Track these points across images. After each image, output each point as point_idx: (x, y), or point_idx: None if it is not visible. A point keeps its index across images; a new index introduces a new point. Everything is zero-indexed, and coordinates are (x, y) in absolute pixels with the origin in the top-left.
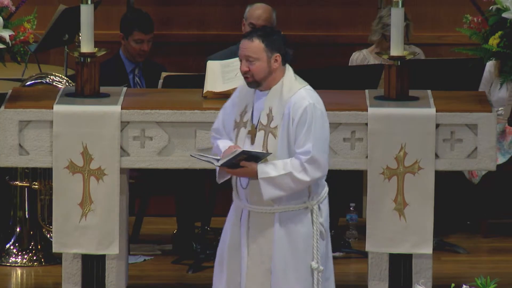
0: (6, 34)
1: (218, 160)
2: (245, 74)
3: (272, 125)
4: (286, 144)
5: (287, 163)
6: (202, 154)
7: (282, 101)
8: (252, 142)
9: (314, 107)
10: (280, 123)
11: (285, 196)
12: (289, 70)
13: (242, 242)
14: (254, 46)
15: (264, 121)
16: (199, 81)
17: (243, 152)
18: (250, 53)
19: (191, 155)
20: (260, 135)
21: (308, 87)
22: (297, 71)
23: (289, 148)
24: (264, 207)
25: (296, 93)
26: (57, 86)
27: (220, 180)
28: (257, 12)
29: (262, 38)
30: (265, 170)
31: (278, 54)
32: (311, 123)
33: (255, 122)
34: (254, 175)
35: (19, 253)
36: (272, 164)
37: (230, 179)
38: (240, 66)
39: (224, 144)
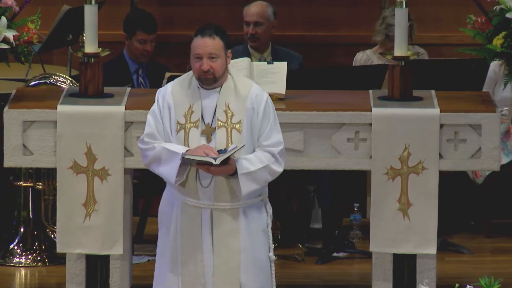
0: (10, 34)
1: (215, 159)
2: (207, 73)
3: (234, 120)
4: (250, 138)
5: (260, 157)
6: (195, 155)
7: (239, 96)
8: (208, 141)
9: (271, 100)
10: (243, 117)
11: (259, 189)
12: (231, 66)
13: (205, 243)
14: (216, 43)
15: (222, 118)
16: None
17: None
18: (213, 50)
19: (184, 157)
20: (221, 132)
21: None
22: (300, 71)
23: (253, 142)
24: (229, 203)
25: (252, 87)
26: (61, 87)
27: (177, 183)
28: (251, 10)
29: (220, 34)
30: (244, 165)
31: (229, 51)
32: (274, 115)
33: (207, 121)
34: (231, 172)
35: (23, 254)
36: (246, 159)
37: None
38: (199, 65)
39: (175, 146)
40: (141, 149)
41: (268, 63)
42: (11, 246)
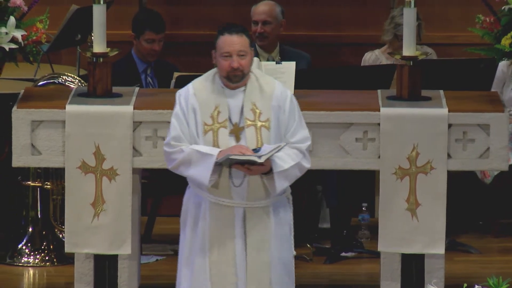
0: (19, 34)
1: (259, 157)
2: (236, 70)
3: (262, 118)
4: (278, 135)
5: (290, 154)
6: (240, 154)
7: (265, 94)
8: (238, 140)
9: (294, 97)
10: (270, 115)
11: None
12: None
13: (238, 241)
14: (244, 40)
15: (250, 116)
16: None
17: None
18: (242, 47)
19: (229, 157)
20: (250, 131)
21: None
22: (309, 71)
23: (280, 139)
24: (261, 201)
25: (276, 85)
26: (70, 86)
27: (210, 184)
28: (259, 9)
29: (246, 32)
30: (278, 163)
31: (252, 49)
32: (298, 112)
33: (235, 120)
34: (266, 171)
35: (32, 253)
36: (278, 158)
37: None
38: (228, 62)
39: (205, 148)
40: (167, 152)
41: (276, 63)
42: (20, 246)
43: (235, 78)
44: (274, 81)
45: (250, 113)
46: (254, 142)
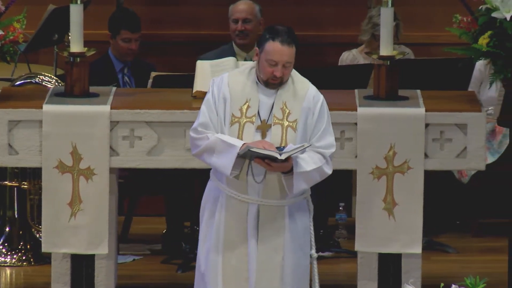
0: None
1: (280, 154)
2: (277, 79)
3: (290, 119)
4: (304, 138)
5: (313, 158)
6: (259, 148)
7: (297, 95)
8: (263, 137)
9: (326, 102)
10: (299, 116)
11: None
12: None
13: (250, 238)
14: (292, 51)
15: (279, 115)
16: (189, 81)
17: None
18: (290, 59)
19: (249, 150)
20: (276, 129)
21: None
22: None
23: (306, 142)
24: (277, 201)
25: (309, 88)
26: (47, 86)
27: (232, 175)
28: (239, 7)
29: (296, 41)
30: (300, 164)
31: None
32: (328, 117)
33: (264, 117)
34: (287, 169)
35: (9, 253)
36: (301, 159)
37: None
38: (272, 70)
39: (231, 138)
40: (193, 138)
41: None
42: None
43: (273, 85)
44: (308, 83)
45: (279, 112)
46: (279, 141)
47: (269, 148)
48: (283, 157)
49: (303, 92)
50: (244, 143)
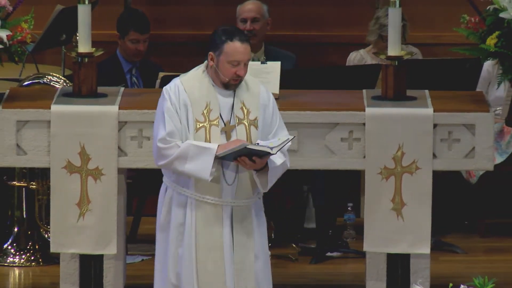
0: (4, 34)
1: (271, 148)
2: (239, 78)
3: (251, 117)
4: (264, 134)
5: (278, 153)
6: (257, 144)
7: (252, 93)
8: (228, 138)
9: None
10: (258, 114)
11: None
12: None
13: (225, 240)
14: (249, 49)
15: (240, 115)
16: None
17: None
18: (249, 57)
19: (245, 147)
20: (241, 129)
21: None
22: (294, 71)
23: (266, 138)
24: (247, 200)
25: (260, 84)
26: (55, 86)
27: (210, 178)
28: (247, 7)
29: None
30: (272, 160)
31: None
32: (278, 112)
33: (226, 118)
34: (260, 167)
35: (17, 253)
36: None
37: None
38: (235, 70)
39: (202, 143)
40: (161, 148)
41: (261, 63)
42: (5, 246)
43: (232, 86)
44: (257, 80)
45: (240, 112)
46: (245, 140)
47: (278, 142)
48: (274, 151)
49: (257, 89)
50: (219, 145)
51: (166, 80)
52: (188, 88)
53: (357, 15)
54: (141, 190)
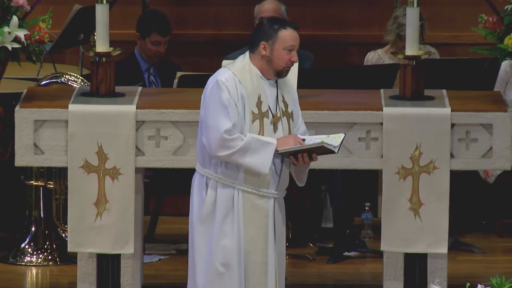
0: (21, 33)
1: (335, 147)
2: (293, 64)
3: (289, 110)
4: (294, 127)
5: None
6: (323, 143)
7: (287, 86)
8: (275, 130)
9: None
10: (293, 107)
11: None
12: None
13: (270, 231)
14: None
15: (283, 107)
16: None
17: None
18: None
19: (323, 145)
20: (284, 121)
21: None
22: (312, 71)
23: (297, 130)
24: (284, 192)
25: (289, 78)
26: (72, 86)
27: (268, 171)
28: (265, 7)
29: None
30: None
31: None
32: None
33: (274, 110)
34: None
35: (34, 253)
36: None
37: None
38: (289, 56)
39: (263, 137)
40: (226, 139)
41: None
42: (23, 245)
43: (286, 73)
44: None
45: (282, 104)
46: (287, 133)
47: (300, 142)
48: (337, 150)
49: (290, 83)
50: (278, 140)
51: (184, 80)
52: (243, 80)
53: (378, 15)
54: (159, 189)
